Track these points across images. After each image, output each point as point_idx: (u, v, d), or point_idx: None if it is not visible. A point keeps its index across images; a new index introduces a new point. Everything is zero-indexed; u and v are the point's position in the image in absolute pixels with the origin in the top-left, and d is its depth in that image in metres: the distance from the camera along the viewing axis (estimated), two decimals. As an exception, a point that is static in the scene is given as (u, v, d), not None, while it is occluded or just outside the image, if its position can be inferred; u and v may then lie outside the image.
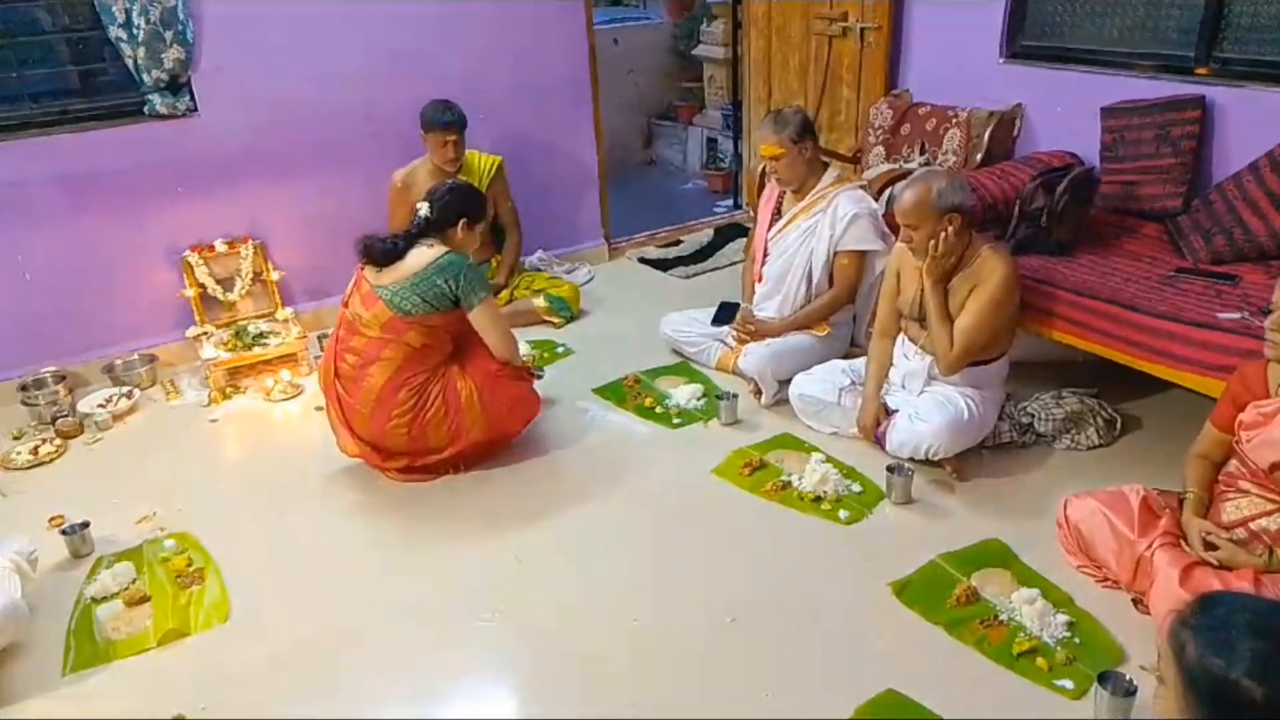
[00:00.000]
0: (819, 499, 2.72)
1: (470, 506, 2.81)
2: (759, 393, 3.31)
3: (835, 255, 3.34)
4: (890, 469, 2.73)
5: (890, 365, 2.99)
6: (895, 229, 2.87)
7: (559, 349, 3.86)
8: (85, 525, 2.66)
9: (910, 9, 4.27)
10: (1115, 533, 2.27)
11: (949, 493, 2.76)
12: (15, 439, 3.29)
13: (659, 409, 3.30)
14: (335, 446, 2.93)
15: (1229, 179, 3.13)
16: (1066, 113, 3.71)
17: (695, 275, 4.70)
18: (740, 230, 5.19)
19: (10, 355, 3.58)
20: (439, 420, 2.82)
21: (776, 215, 3.50)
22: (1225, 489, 2.23)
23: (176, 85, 3.60)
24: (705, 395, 3.35)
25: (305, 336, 3.78)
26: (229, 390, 3.58)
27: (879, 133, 4.21)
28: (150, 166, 3.65)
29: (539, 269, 4.53)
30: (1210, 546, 2.11)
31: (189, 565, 2.55)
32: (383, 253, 2.78)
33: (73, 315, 3.67)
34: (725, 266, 4.76)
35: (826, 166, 3.44)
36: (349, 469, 3.00)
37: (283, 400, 3.53)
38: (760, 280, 3.54)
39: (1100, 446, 2.95)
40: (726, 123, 6.15)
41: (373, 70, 3.97)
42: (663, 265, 4.84)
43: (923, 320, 2.82)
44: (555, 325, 4.09)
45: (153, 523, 2.78)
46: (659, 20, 6.94)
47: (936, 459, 2.77)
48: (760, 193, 3.79)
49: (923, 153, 4.01)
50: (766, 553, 2.55)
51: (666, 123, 7.00)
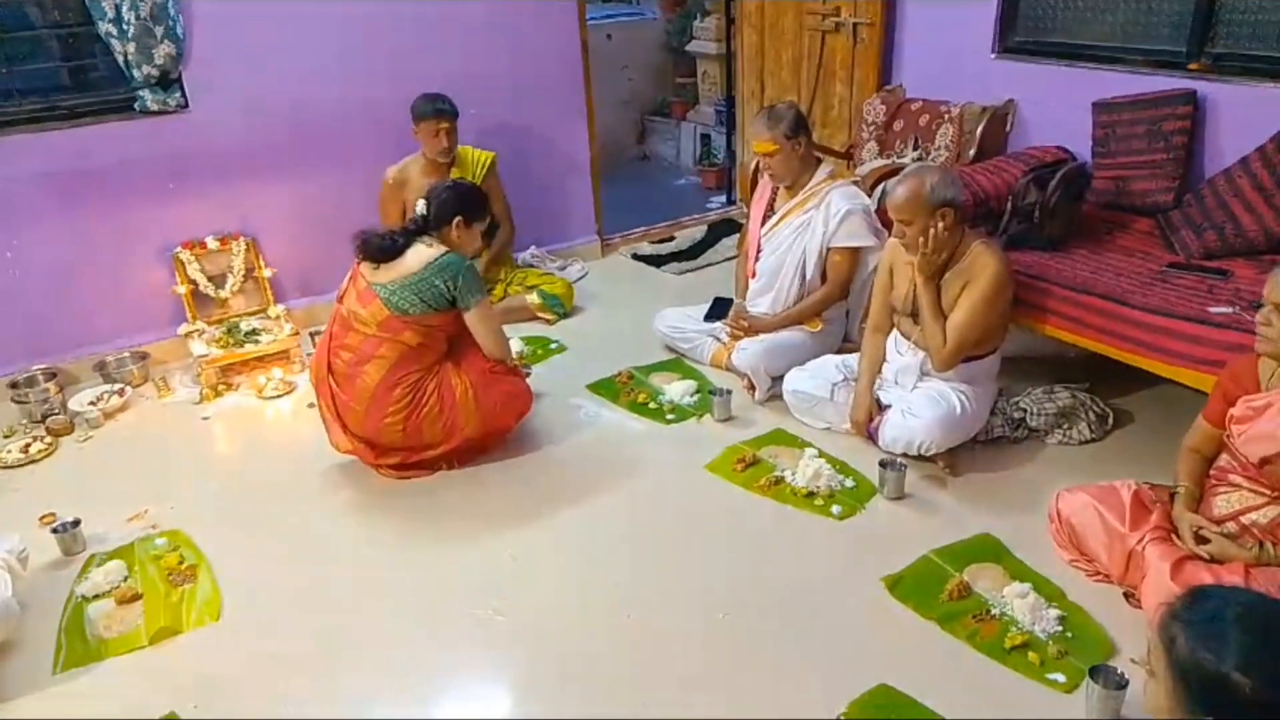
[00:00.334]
0: (812, 494, 2.72)
1: (464, 504, 2.81)
2: (752, 388, 3.31)
3: (828, 251, 3.34)
4: (883, 464, 2.74)
5: (883, 361, 2.99)
6: (888, 225, 2.87)
7: (552, 345, 3.86)
8: (76, 523, 2.65)
9: (903, 4, 4.27)
10: (1107, 527, 2.28)
11: (941, 488, 2.77)
12: (6, 437, 3.28)
13: (652, 405, 3.30)
14: (327, 443, 2.92)
15: (1220, 174, 3.14)
16: (1059, 108, 3.71)
17: (688, 271, 4.71)
18: (733, 226, 5.19)
19: (0, 353, 3.56)
20: (434, 417, 2.82)
21: (770, 211, 3.50)
22: (1216, 483, 2.24)
23: (167, 81, 3.58)
24: (699, 391, 3.35)
25: (297, 333, 3.77)
26: (221, 388, 3.57)
27: (872, 128, 4.21)
28: (141, 163, 3.63)
29: (532, 265, 4.53)
30: (1201, 540, 2.13)
31: (181, 563, 2.55)
32: (381, 249, 2.76)
33: (63, 312, 3.66)
34: (718, 263, 4.76)
35: (820, 162, 3.43)
36: (342, 466, 2.99)
37: (275, 397, 3.52)
38: (754, 276, 3.54)
39: (1092, 441, 2.96)
40: (720, 119, 6.15)
41: (365, 66, 3.96)
42: (656, 261, 4.84)
43: (916, 316, 2.82)
44: (548, 321, 4.09)
45: (144, 521, 2.77)
46: (652, 16, 6.94)
47: (929, 454, 2.77)
48: (753, 189, 3.78)
49: (915, 148, 4.01)
50: (759, 548, 2.55)
51: (660, 119, 7.00)
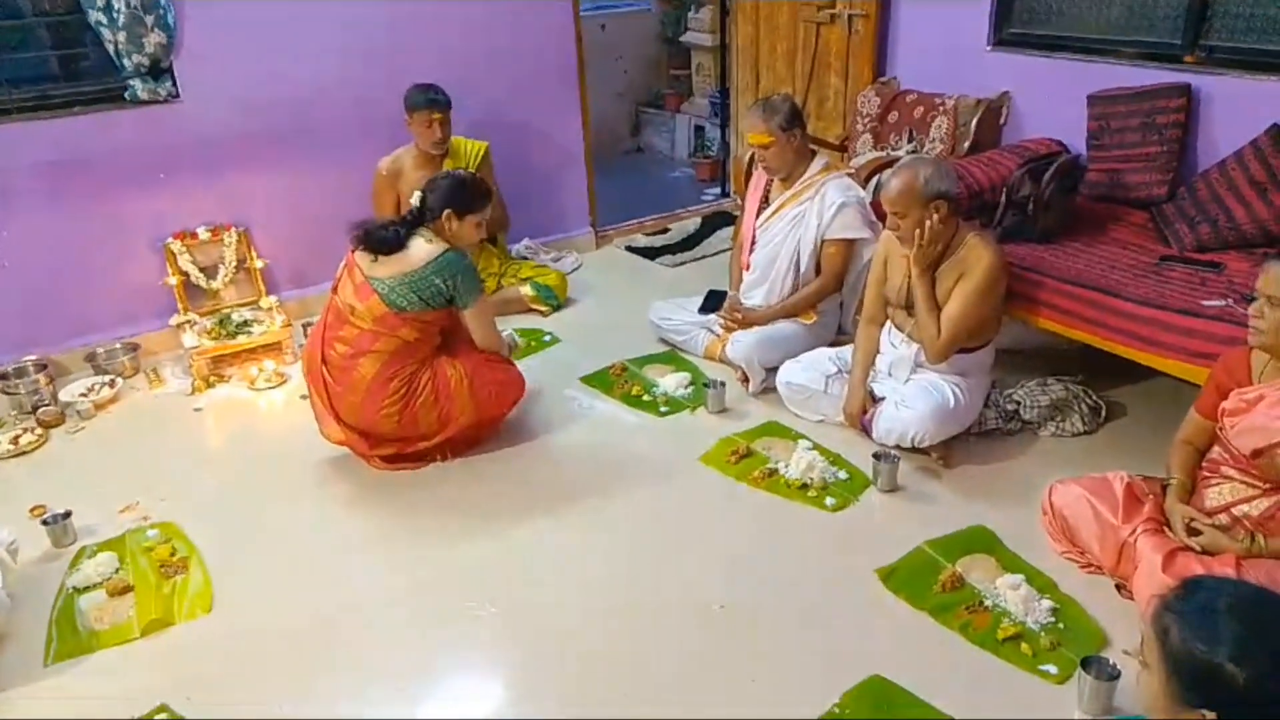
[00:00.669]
0: (806, 486, 2.72)
1: (458, 496, 2.80)
2: (746, 381, 3.31)
3: (823, 243, 3.34)
4: (876, 456, 2.74)
5: (877, 353, 2.99)
6: (883, 217, 2.87)
7: (546, 337, 3.85)
8: (67, 515, 2.64)
9: (898, -4, 4.27)
10: (1099, 519, 2.28)
11: (935, 480, 2.77)
12: (-4, 428, 3.26)
13: (646, 397, 3.30)
14: (319, 435, 2.91)
15: (1214, 167, 3.15)
16: (1053, 100, 3.71)
17: (682, 263, 4.69)
18: (727, 218, 5.18)
19: (-10, 343, 3.55)
20: (429, 406, 2.81)
21: (764, 203, 3.49)
22: (1208, 475, 2.24)
23: (158, 70, 3.56)
24: (693, 383, 3.35)
25: (289, 325, 3.75)
26: (212, 379, 3.55)
27: (867, 120, 4.20)
28: (132, 153, 3.60)
29: (526, 257, 4.51)
30: (1193, 532, 2.13)
31: (173, 555, 2.53)
32: (382, 241, 2.72)
33: (54, 303, 3.63)
34: (713, 255, 4.75)
35: (814, 154, 3.43)
36: (334, 458, 2.98)
37: (267, 389, 3.51)
38: (748, 268, 3.53)
39: (1085, 433, 2.96)
40: (714, 110, 6.13)
41: (358, 56, 3.93)
42: (650, 253, 4.83)
43: (910, 308, 2.82)
44: (542, 313, 4.08)
45: (136, 512, 2.76)
46: (647, 7, 6.91)
47: (923, 446, 2.77)
48: (748, 181, 3.78)
49: (910, 140, 4.01)
50: (753, 541, 2.55)
51: (654, 110, 6.98)
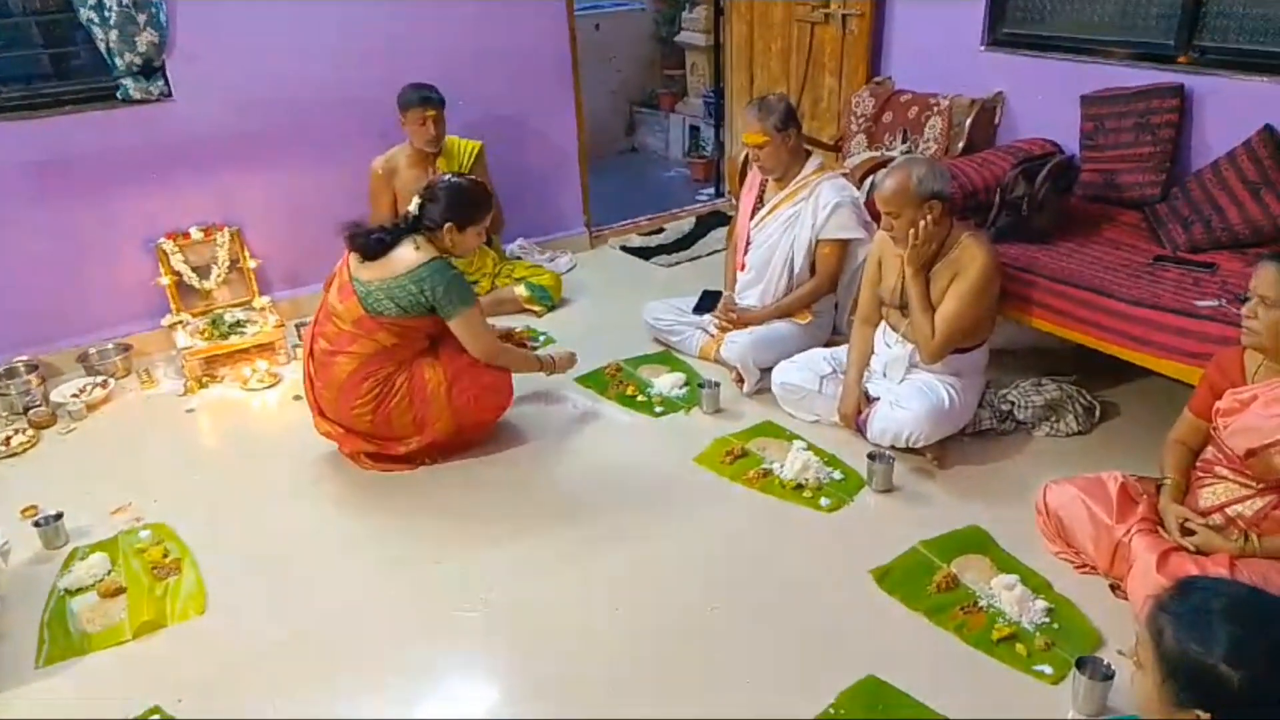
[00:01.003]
0: (800, 487, 2.72)
1: (451, 497, 2.79)
2: (741, 381, 3.31)
3: (817, 243, 3.34)
4: (871, 456, 2.74)
5: (872, 353, 2.99)
6: (877, 217, 2.87)
7: (540, 338, 3.84)
8: (59, 517, 2.63)
9: (892, -4, 4.27)
10: (1093, 519, 2.29)
11: (930, 480, 2.77)
12: (-13, 429, 3.25)
13: (641, 397, 3.29)
14: (314, 435, 2.91)
15: (1207, 167, 3.15)
16: (1047, 101, 3.71)
17: (677, 263, 4.69)
18: (722, 218, 5.18)
19: (-19, 344, 3.53)
20: (403, 409, 2.78)
21: (759, 203, 3.49)
22: (1202, 475, 2.25)
23: (150, 69, 3.54)
24: (687, 384, 3.34)
25: (283, 325, 3.74)
26: (205, 379, 3.53)
27: (861, 120, 4.20)
28: (124, 152, 3.58)
29: (520, 257, 4.51)
30: (1187, 532, 2.14)
31: (165, 556, 2.52)
32: (366, 246, 2.70)
33: (45, 303, 3.61)
34: (707, 255, 4.75)
35: (809, 154, 3.43)
36: (327, 460, 2.97)
37: (260, 389, 3.49)
38: (742, 269, 3.53)
39: (1079, 434, 2.96)
40: (709, 110, 6.12)
41: (352, 54, 3.92)
42: (644, 253, 4.83)
43: (904, 308, 2.82)
44: (536, 314, 4.07)
45: (128, 514, 2.74)
46: (641, 6, 6.89)
47: (917, 446, 2.77)
48: (742, 181, 3.77)
49: (904, 141, 4.01)
50: (748, 541, 2.55)
51: (648, 110, 6.97)
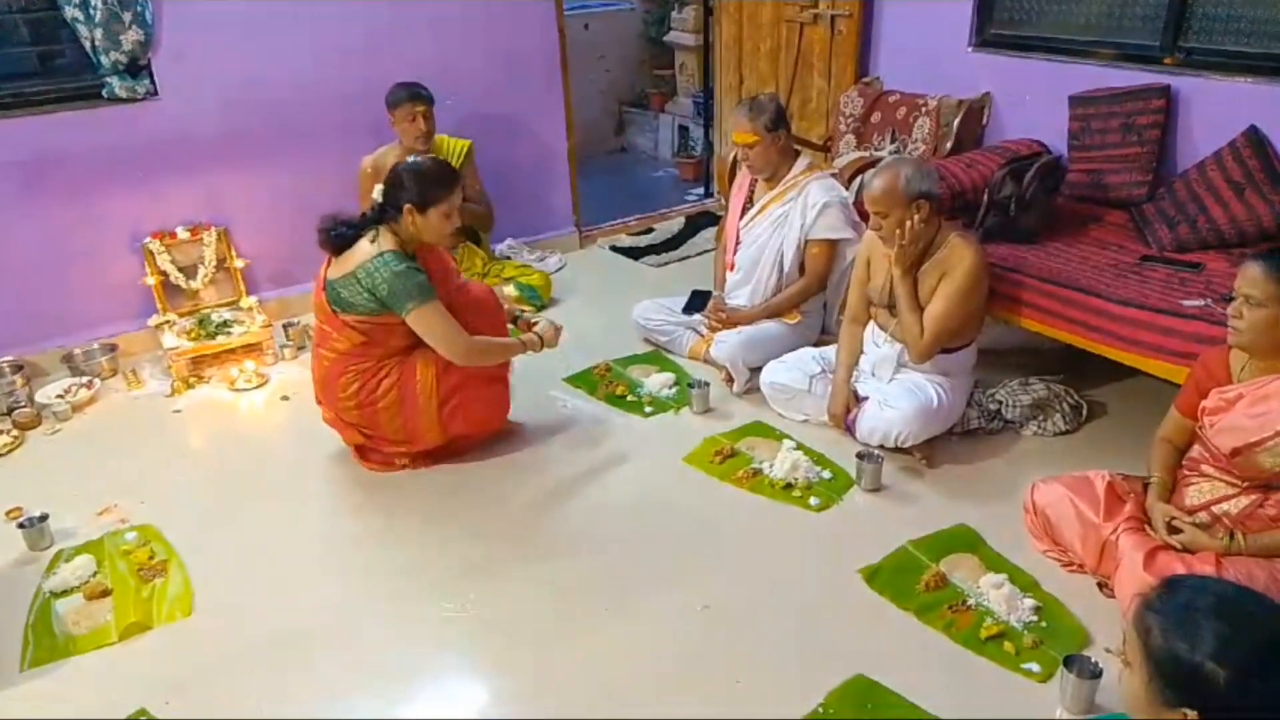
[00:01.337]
0: (790, 486, 2.73)
1: (439, 497, 2.78)
2: (730, 381, 3.31)
3: (806, 243, 3.34)
4: (860, 456, 2.74)
5: (860, 352, 3.00)
6: (866, 217, 2.87)
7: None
8: (44, 518, 2.61)
9: (881, -4, 4.28)
10: (1081, 517, 2.29)
11: (918, 479, 2.78)
12: (-30, 430, 3.21)
13: (630, 397, 3.29)
14: (301, 438, 2.90)
15: (1193, 168, 3.17)
16: (1034, 101, 3.73)
17: (667, 263, 4.69)
18: (711, 218, 5.18)
19: (-35, 345, 3.50)
20: (391, 414, 2.75)
21: (748, 203, 3.49)
22: (1188, 474, 2.26)
23: (136, 68, 3.51)
24: (677, 383, 3.34)
25: (270, 325, 3.72)
26: (192, 380, 3.51)
27: (850, 121, 4.21)
28: (110, 151, 3.56)
29: (509, 257, 4.50)
30: (1174, 530, 2.15)
31: (151, 558, 2.51)
32: (330, 240, 2.64)
33: (30, 303, 3.58)
34: (697, 255, 4.75)
35: (798, 154, 3.43)
36: (315, 461, 2.96)
37: (247, 390, 3.47)
38: (732, 269, 3.53)
39: (1066, 433, 2.98)
40: (698, 110, 6.13)
41: (340, 53, 3.90)
42: (634, 253, 4.82)
43: (892, 308, 2.82)
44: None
45: (114, 515, 2.72)
46: (630, 6, 6.89)
47: (906, 446, 2.78)
48: (732, 181, 3.78)
49: (893, 141, 4.02)
50: (738, 540, 2.55)
51: (638, 110, 6.97)
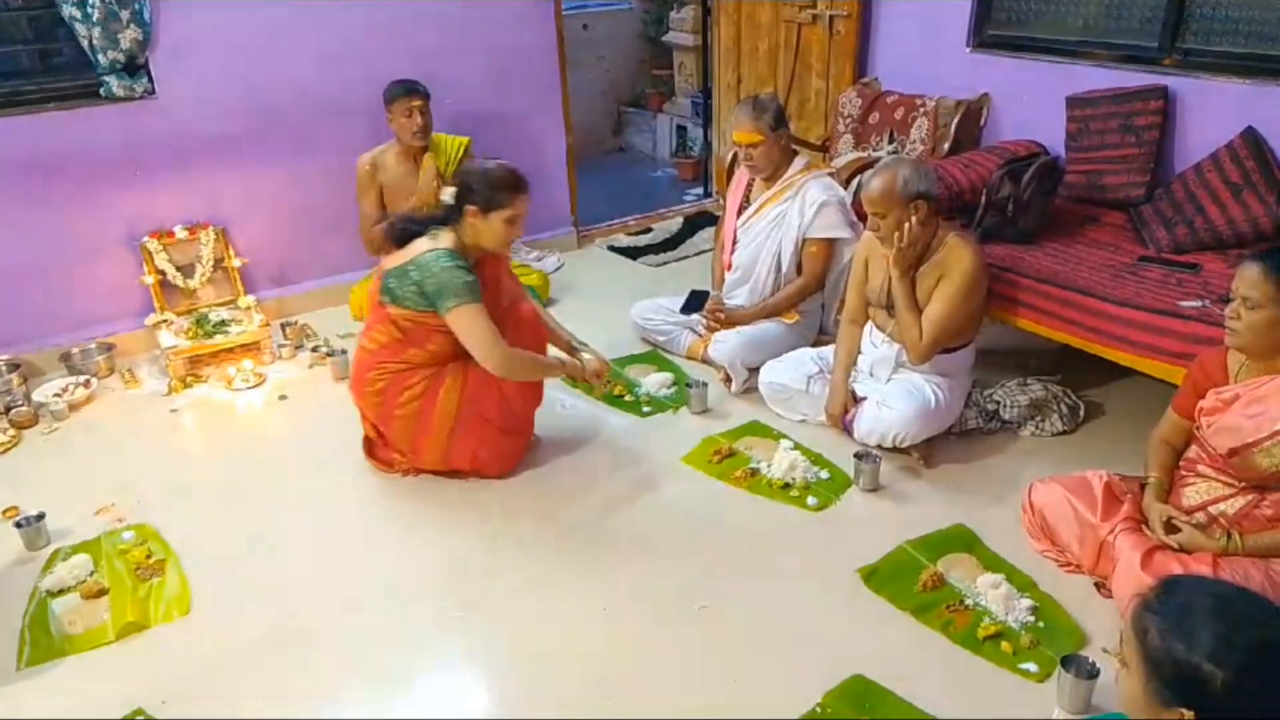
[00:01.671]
0: (788, 486, 2.73)
1: (437, 498, 2.78)
2: (728, 381, 3.31)
3: (804, 243, 3.34)
4: (858, 456, 2.74)
5: (858, 353, 3.00)
6: (864, 217, 2.88)
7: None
8: (41, 517, 2.60)
9: (879, -3, 4.28)
10: (1078, 517, 2.30)
11: (916, 479, 2.78)
12: (-33, 429, 3.21)
13: (629, 397, 3.29)
14: (299, 438, 2.89)
15: (1191, 169, 3.18)
16: (1032, 102, 3.73)
17: (665, 263, 4.69)
18: (710, 218, 5.18)
19: (-38, 343, 3.49)
20: (405, 424, 2.71)
21: (745, 203, 3.49)
22: (1185, 474, 2.26)
23: (134, 67, 3.51)
24: (675, 383, 3.34)
25: (268, 324, 3.71)
26: (189, 379, 3.51)
27: (848, 121, 4.21)
28: (108, 150, 3.56)
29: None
30: (1171, 530, 2.15)
31: (148, 557, 2.50)
32: (395, 234, 2.69)
33: (27, 302, 3.58)
34: (695, 255, 4.75)
35: (796, 154, 3.43)
36: (311, 461, 2.96)
37: (245, 389, 3.47)
38: (730, 268, 3.53)
39: (1064, 433, 2.98)
40: (696, 110, 6.13)
41: (338, 53, 3.90)
42: (632, 253, 4.83)
43: (890, 308, 2.83)
44: (524, 313, 4.06)
45: (111, 514, 2.72)
46: (629, 6, 6.89)
47: (904, 446, 2.78)
48: (729, 181, 3.78)
49: (891, 141, 4.02)
50: (735, 540, 2.55)
51: (636, 110, 6.97)
